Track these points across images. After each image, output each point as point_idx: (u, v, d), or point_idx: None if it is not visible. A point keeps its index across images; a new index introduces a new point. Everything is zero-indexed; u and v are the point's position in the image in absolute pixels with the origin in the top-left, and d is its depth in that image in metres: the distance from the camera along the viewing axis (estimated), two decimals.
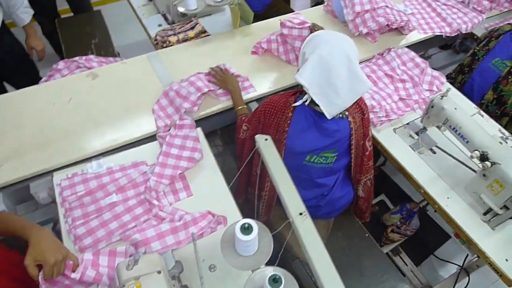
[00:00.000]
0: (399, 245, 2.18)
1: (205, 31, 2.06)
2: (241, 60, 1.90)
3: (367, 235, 1.75)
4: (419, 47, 2.28)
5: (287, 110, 1.36)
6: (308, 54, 1.29)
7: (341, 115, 1.33)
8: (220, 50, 1.95)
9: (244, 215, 1.36)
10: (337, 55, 1.24)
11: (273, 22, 2.17)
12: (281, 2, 2.80)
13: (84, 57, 1.92)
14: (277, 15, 2.22)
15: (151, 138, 1.56)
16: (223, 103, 1.70)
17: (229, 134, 2.15)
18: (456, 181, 1.56)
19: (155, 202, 1.31)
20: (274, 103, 1.40)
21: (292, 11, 2.62)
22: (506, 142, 1.52)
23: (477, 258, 1.70)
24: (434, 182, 1.55)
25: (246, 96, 1.73)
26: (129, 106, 1.65)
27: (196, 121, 1.63)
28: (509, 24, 1.92)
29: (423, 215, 2.24)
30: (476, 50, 1.98)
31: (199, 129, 1.58)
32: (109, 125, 1.58)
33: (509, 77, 1.85)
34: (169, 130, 1.51)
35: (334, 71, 1.24)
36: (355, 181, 1.57)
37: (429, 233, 2.32)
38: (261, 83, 1.80)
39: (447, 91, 1.50)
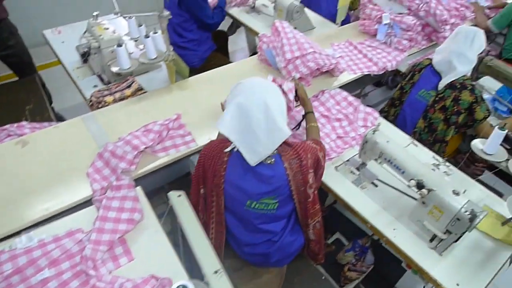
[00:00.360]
0: (360, 283, 2.15)
1: (141, 89, 2.06)
2: (181, 112, 1.90)
3: (323, 277, 1.72)
4: (354, 86, 2.41)
5: (223, 155, 1.36)
6: (229, 102, 1.31)
7: (269, 161, 1.32)
8: (158, 106, 1.95)
9: (195, 272, 1.29)
10: (255, 102, 1.26)
11: (211, 75, 2.22)
12: (218, 55, 2.88)
13: (15, 124, 1.84)
14: (216, 67, 2.28)
15: (87, 203, 1.48)
16: (161, 159, 1.66)
17: (178, 189, 2.09)
18: (400, 211, 1.59)
19: (92, 272, 1.21)
20: (212, 147, 1.40)
21: (229, 63, 2.70)
22: (439, 169, 1.59)
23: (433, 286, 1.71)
24: (379, 215, 1.58)
25: (187, 150, 1.72)
26: (62, 172, 1.57)
27: (136, 179, 1.58)
28: (428, 58, 2.09)
29: (378, 248, 2.25)
30: (403, 84, 2.12)
31: (138, 188, 1.52)
32: (41, 194, 1.48)
33: (435, 105, 1.98)
34: (106, 192, 1.45)
35: (252, 118, 1.25)
36: (304, 225, 1.55)
37: (388, 266, 2.32)
38: (202, 135, 1.79)
39: (378, 125, 1.57)
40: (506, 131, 1.53)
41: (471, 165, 2.18)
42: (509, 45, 2.64)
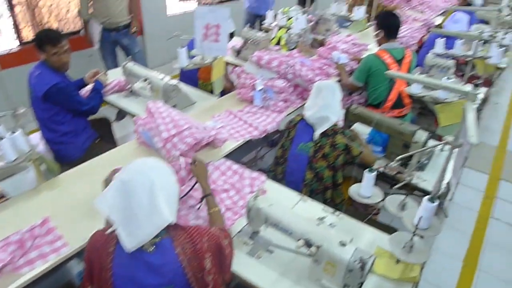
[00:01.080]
0: None
1: (3, 196, 1.82)
2: (51, 214, 1.70)
3: None
4: (244, 151, 2.43)
5: (109, 244, 1.23)
6: (114, 178, 1.22)
7: (150, 249, 1.20)
8: (24, 212, 1.72)
9: None
10: (140, 181, 1.18)
11: (88, 166, 2.07)
12: (101, 143, 2.74)
13: None
14: (99, 154, 2.16)
15: None
16: (25, 275, 1.42)
17: None
18: (299, 274, 1.54)
19: None
20: (97, 237, 1.28)
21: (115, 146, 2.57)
22: (323, 222, 1.60)
23: None
24: (278, 283, 1.50)
25: (58, 257, 1.51)
26: None
27: None
28: (298, 115, 2.22)
29: None
30: (283, 142, 2.21)
31: None
32: None
33: (317, 155, 2.07)
34: None
35: (134, 198, 1.16)
36: None
37: None
38: (77, 236, 1.59)
39: (259, 190, 1.55)
40: (375, 172, 1.61)
41: (369, 208, 2.26)
42: (371, 93, 2.94)
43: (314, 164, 2.09)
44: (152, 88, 2.63)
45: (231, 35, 3.24)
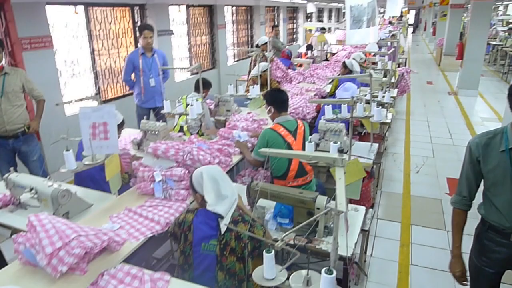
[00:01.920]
0: None
1: None
2: None
3: None
4: (157, 245, 2.26)
5: None
6: None
7: None
8: None
9: None
10: None
11: None
12: None
13: None
14: None
15: None
16: None
17: None
18: None
19: None
20: None
21: None
22: None
23: None
24: None
25: None
26: None
27: None
28: (190, 212, 2.05)
29: None
30: (182, 248, 2.01)
31: None
32: None
33: (224, 252, 1.93)
34: None
35: None
36: None
37: None
38: None
39: None
40: (273, 252, 1.57)
41: None
42: (273, 165, 3.01)
43: (224, 263, 1.94)
44: (39, 197, 2.42)
45: (121, 126, 3.13)
